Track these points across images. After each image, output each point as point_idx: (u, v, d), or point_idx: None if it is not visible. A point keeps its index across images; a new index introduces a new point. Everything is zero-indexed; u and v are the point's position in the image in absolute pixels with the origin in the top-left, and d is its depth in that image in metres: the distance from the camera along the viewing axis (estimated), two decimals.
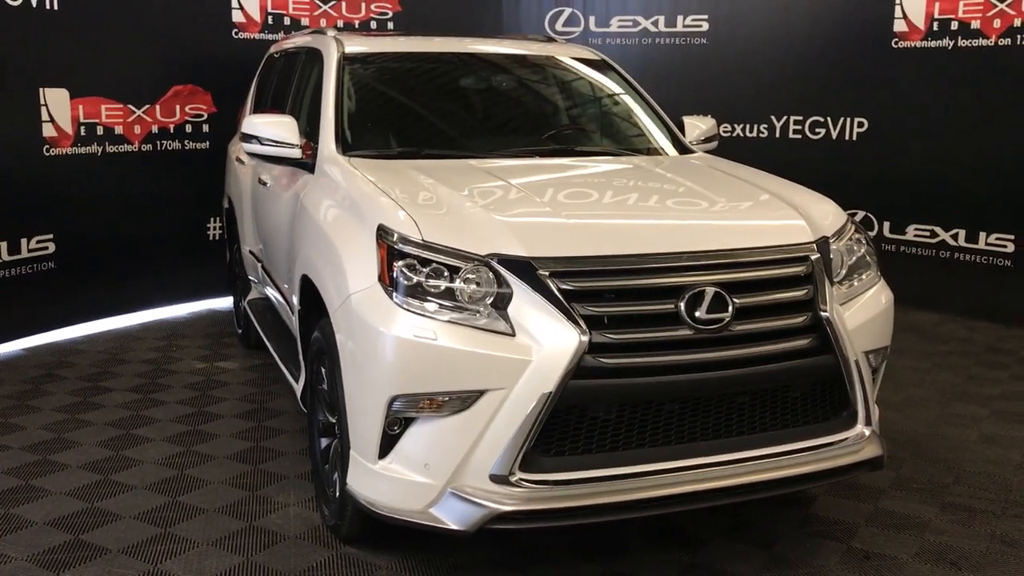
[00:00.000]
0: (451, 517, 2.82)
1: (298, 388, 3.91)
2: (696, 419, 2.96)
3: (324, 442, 3.51)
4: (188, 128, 6.64)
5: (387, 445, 2.91)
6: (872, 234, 7.07)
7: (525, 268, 2.85)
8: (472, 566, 3.28)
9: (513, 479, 2.78)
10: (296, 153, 3.91)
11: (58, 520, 3.57)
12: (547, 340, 2.77)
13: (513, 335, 2.81)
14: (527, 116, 4.59)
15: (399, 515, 2.93)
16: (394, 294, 2.88)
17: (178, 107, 6.58)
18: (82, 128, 6.03)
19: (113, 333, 6.24)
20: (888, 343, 3.40)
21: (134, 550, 3.36)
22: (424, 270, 2.89)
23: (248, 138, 3.99)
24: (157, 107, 6.44)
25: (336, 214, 3.45)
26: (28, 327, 5.96)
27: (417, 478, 2.87)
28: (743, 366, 2.96)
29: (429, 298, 2.86)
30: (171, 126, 6.55)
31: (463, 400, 2.79)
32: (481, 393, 2.77)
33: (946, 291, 6.82)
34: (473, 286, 2.86)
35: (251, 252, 5.33)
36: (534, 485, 2.79)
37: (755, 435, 3.04)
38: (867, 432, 3.19)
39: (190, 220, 6.87)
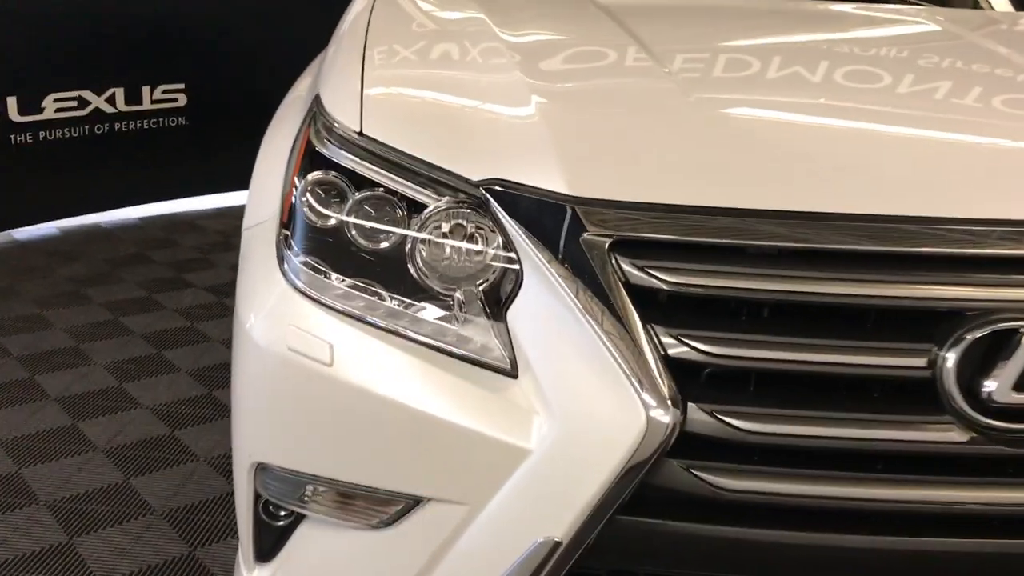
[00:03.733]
0: None
1: None
2: None
3: None
4: None
5: (268, 544, 1.44)
6: None
7: (559, 220, 1.20)
8: None
9: None
10: None
11: None
12: (577, 406, 1.14)
13: (513, 375, 1.21)
14: None
15: None
16: (287, 248, 1.36)
17: None
18: None
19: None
20: None
21: None
22: (355, 197, 1.33)
23: None
24: None
25: (307, 74, 1.94)
26: (147, 193, 5.01)
27: None
28: None
29: (349, 268, 1.31)
30: None
31: (382, 504, 1.25)
32: (416, 502, 1.22)
33: None
34: (447, 248, 1.27)
35: None
36: None
37: None
38: None
39: None
